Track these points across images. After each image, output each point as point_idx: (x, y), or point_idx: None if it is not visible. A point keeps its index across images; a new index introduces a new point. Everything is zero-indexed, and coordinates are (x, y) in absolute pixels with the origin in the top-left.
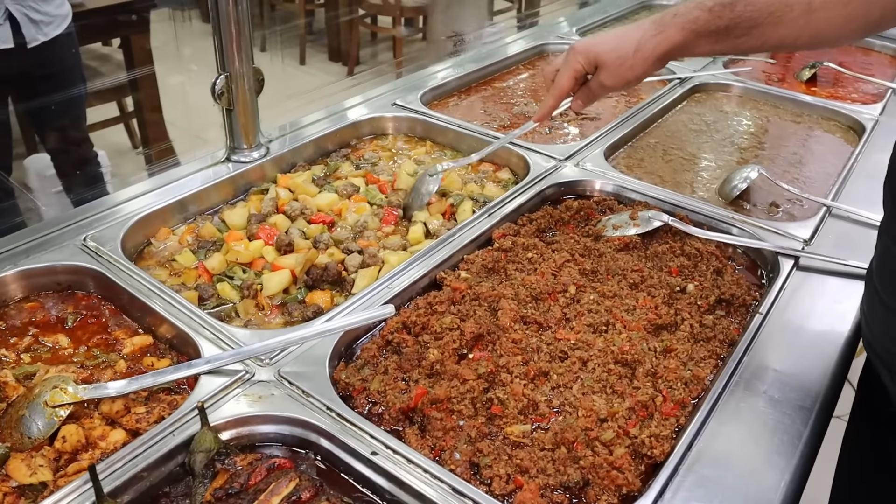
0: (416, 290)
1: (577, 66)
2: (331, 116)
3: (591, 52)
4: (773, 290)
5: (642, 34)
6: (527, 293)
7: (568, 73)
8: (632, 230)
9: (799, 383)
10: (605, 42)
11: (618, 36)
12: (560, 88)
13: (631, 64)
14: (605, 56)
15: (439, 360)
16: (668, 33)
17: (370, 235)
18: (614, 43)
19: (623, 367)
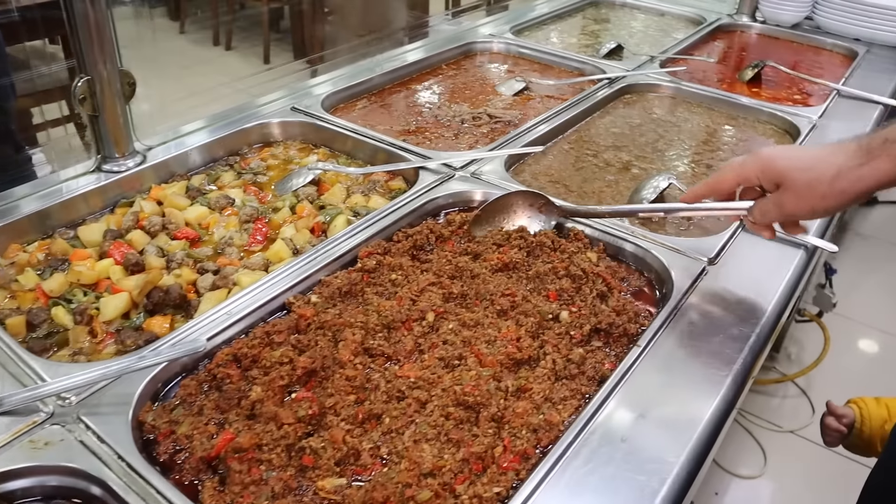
0: (262, 316)
1: (750, 175)
2: (225, 121)
3: (775, 164)
4: (658, 319)
5: (845, 160)
6: (378, 321)
7: (734, 174)
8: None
9: (669, 434)
10: (794, 157)
11: (812, 154)
12: (717, 181)
13: (823, 193)
14: (793, 175)
15: (261, 398)
16: (878, 164)
17: (232, 253)
18: (807, 161)
19: (465, 410)
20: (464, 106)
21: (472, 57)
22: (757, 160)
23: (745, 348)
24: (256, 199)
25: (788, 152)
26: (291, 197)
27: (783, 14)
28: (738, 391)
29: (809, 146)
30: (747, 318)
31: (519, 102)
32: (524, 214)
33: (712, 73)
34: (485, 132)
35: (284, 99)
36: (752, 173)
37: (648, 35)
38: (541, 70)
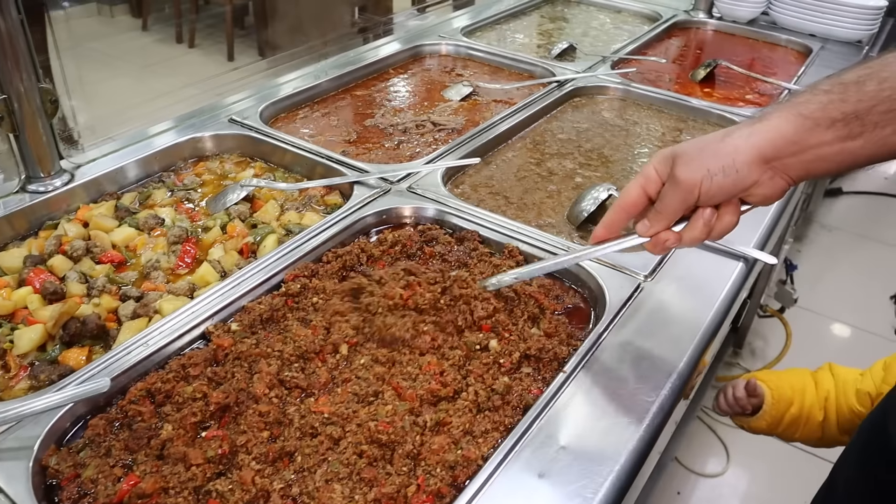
0: (181, 346)
1: (651, 174)
2: (159, 134)
3: (667, 152)
4: (588, 341)
5: (736, 128)
6: (293, 351)
7: (638, 181)
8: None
9: (589, 468)
10: (688, 141)
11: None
12: (625, 199)
13: (714, 150)
14: (683, 148)
15: (171, 437)
16: (771, 121)
17: (158, 277)
18: (700, 138)
19: (379, 447)
20: (408, 113)
21: (421, 60)
22: (654, 159)
23: (674, 373)
24: (188, 218)
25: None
26: (223, 215)
27: (739, 10)
28: (665, 418)
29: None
30: (680, 337)
31: (466, 108)
32: None
33: (665, 72)
34: (428, 141)
35: (247, 101)
36: (652, 171)
37: (604, 33)
38: (491, 73)
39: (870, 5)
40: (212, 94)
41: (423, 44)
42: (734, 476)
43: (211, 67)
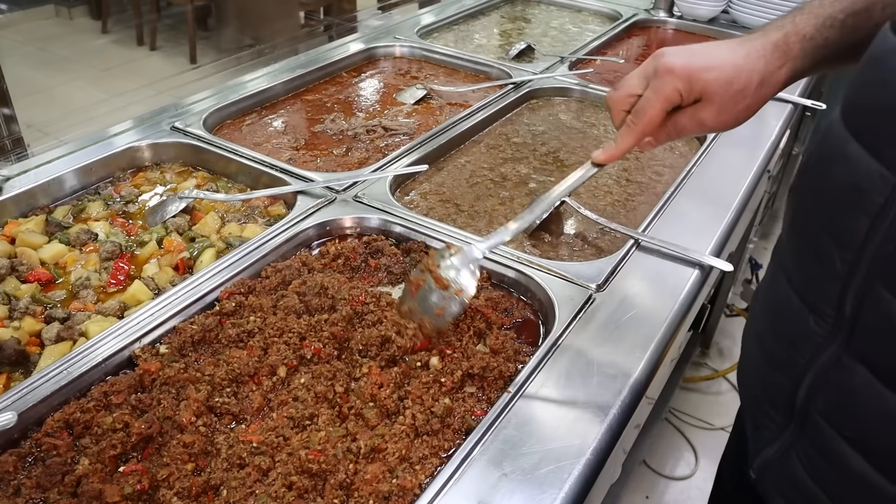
0: (107, 372)
1: (674, 96)
2: (100, 142)
3: (695, 78)
4: (535, 358)
5: (765, 65)
6: (226, 375)
7: (661, 102)
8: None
9: (532, 495)
10: (714, 67)
11: (730, 61)
12: (648, 121)
13: (749, 104)
14: (716, 88)
15: (87, 473)
16: (796, 65)
17: (88, 296)
18: (729, 71)
19: (310, 477)
20: (359, 118)
21: (376, 62)
22: (675, 78)
23: (624, 389)
24: (123, 233)
25: (707, 60)
26: (160, 229)
27: (700, 9)
28: (614, 439)
29: (720, 47)
30: (631, 351)
31: (419, 112)
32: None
33: (624, 72)
34: (378, 147)
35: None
36: (675, 94)
37: (564, 33)
38: (447, 75)
39: None
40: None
41: (378, 46)
42: (703, 478)
43: (172, 70)
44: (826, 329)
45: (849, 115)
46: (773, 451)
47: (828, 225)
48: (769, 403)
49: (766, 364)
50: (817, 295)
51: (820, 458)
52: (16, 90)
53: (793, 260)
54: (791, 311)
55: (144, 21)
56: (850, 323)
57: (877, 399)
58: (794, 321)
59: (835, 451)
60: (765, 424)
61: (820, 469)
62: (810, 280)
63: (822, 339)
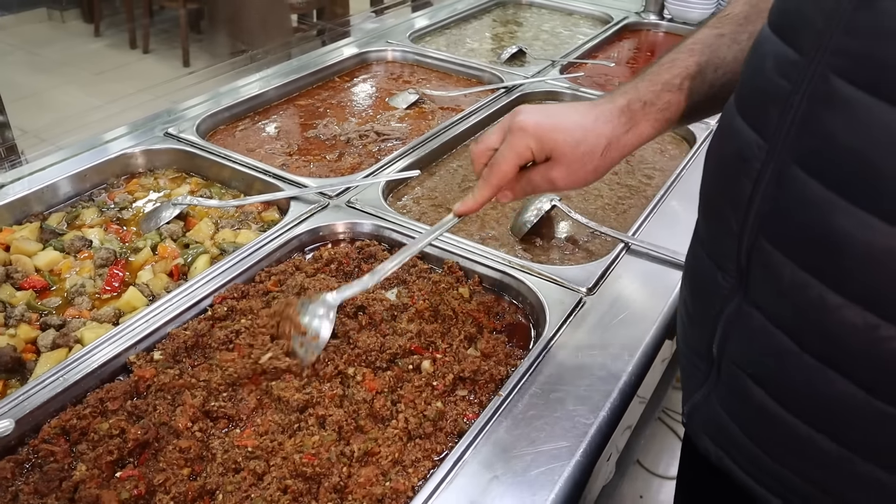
0: (103, 378)
1: (526, 152)
2: (93, 149)
3: (546, 137)
4: (526, 361)
5: (612, 130)
6: (221, 378)
7: (513, 157)
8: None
9: (523, 497)
10: (564, 129)
11: (580, 124)
12: (502, 175)
13: (596, 166)
14: (565, 149)
15: (84, 479)
16: (641, 129)
17: (83, 303)
18: (578, 134)
19: (304, 481)
20: (352, 123)
21: (368, 67)
22: (526, 136)
23: (614, 391)
24: (118, 239)
25: (556, 120)
26: (155, 235)
27: (690, 12)
28: (605, 441)
29: (572, 111)
30: (621, 354)
31: (412, 116)
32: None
33: (615, 75)
34: (371, 151)
35: (187, 112)
36: (526, 150)
37: (555, 36)
38: (439, 79)
39: None
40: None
41: (370, 50)
42: None
43: (165, 74)
44: (730, 283)
45: (737, 95)
46: (699, 396)
47: (723, 190)
48: (695, 355)
49: (690, 320)
50: (721, 253)
51: (733, 397)
52: (8, 94)
53: (702, 224)
54: (703, 270)
55: (137, 24)
56: (745, 274)
57: (768, 338)
58: (706, 279)
59: (742, 389)
60: (693, 374)
61: (733, 406)
62: (715, 240)
63: (727, 292)
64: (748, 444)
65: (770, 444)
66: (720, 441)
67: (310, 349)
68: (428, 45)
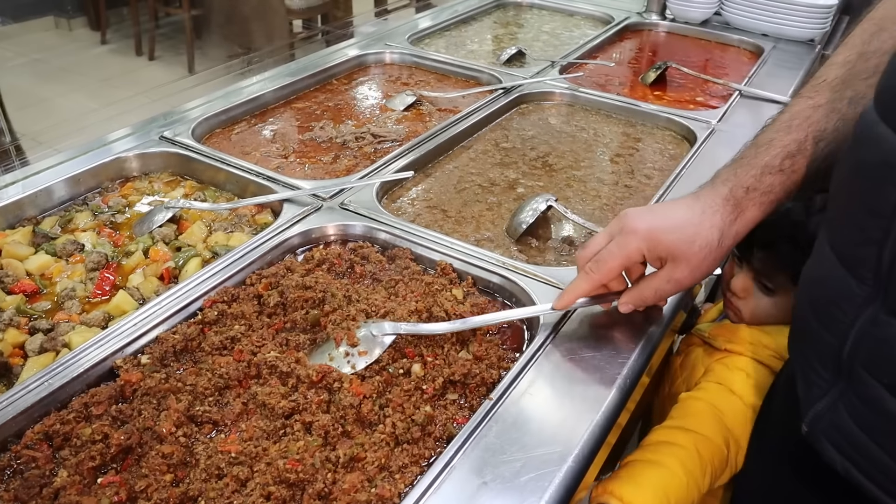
0: (89, 383)
1: (636, 255)
2: (89, 152)
3: (658, 239)
4: (517, 365)
5: (721, 220)
6: (209, 383)
7: (622, 257)
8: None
9: None
10: (675, 228)
11: (689, 220)
12: (607, 271)
13: (715, 257)
14: (682, 248)
15: (66, 485)
16: (748, 215)
17: (73, 306)
18: (690, 231)
19: (288, 487)
20: (349, 125)
21: (366, 69)
22: (637, 238)
23: (608, 395)
24: (110, 243)
25: (666, 221)
26: (147, 238)
27: (692, 11)
28: (598, 446)
29: (678, 207)
30: (615, 356)
31: (409, 118)
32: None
33: (615, 76)
34: (367, 153)
35: (185, 114)
36: (637, 253)
37: (555, 37)
38: (438, 81)
39: (821, 4)
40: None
41: (369, 53)
42: None
43: (171, 79)
44: (866, 291)
45: (878, 100)
46: (822, 404)
47: (862, 198)
48: (818, 362)
49: (815, 326)
50: (857, 260)
51: (863, 406)
52: (14, 101)
53: (834, 230)
54: (834, 276)
55: (143, 31)
56: (885, 283)
57: None
58: (837, 285)
59: (876, 398)
60: (814, 381)
61: (864, 416)
62: (850, 247)
63: (862, 300)
64: (881, 455)
65: None
66: (847, 451)
67: (350, 362)
68: (427, 47)
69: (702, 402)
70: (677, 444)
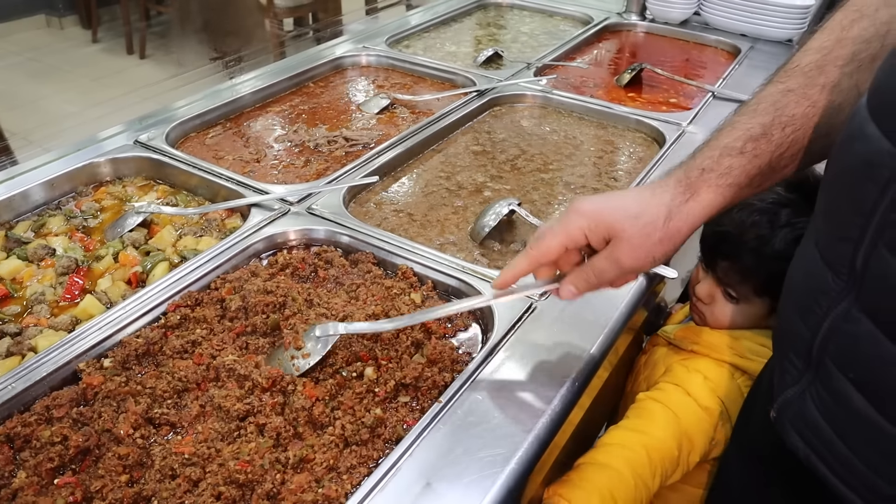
0: (53, 386)
1: (577, 233)
2: (61, 158)
3: (601, 216)
4: (470, 367)
5: (671, 199)
6: (168, 386)
7: (561, 233)
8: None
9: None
10: (620, 206)
11: (636, 199)
12: (544, 249)
13: (660, 237)
14: (624, 226)
15: (24, 486)
16: (703, 196)
17: (42, 311)
18: (635, 208)
19: (238, 488)
20: (322, 128)
21: (343, 72)
22: (581, 217)
23: (555, 398)
24: (81, 248)
25: (612, 202)
26: (117, 243)
27: (671, 12)
28: (543, 448)
29: (628, 190)
30: (566, 360)
31: (383, 121)
32: None
33: (591, 77)
34: (339, 157)
35: (160, 117)
36: (579, 232)
37: (534, 38)
38: (414, 83)
39: (798, 4)
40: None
41: (346, 55)
42: None
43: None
44: (840, 285)
45: (871, 99)
46: (792, 392)
47: (847, 193)
48: (793, 351)
49: (794, 317)
50: (835, 254)
51: (829, 398)
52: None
53: (820, 223)
54: (815, 269)
55: (134, 29)
56: (858, 280)
57: (876, 346)
58: (816, 278)
59: (841, 392)
60: (787, 370)
61: (829, 408)
62: (831, 241)
63: (836, 294)
64: (840, 445)
65: (864, 448)
66: (810, 439)
67: (295, 364)
68: (406, 48)
69: (657, 404)
70: (627, 447)
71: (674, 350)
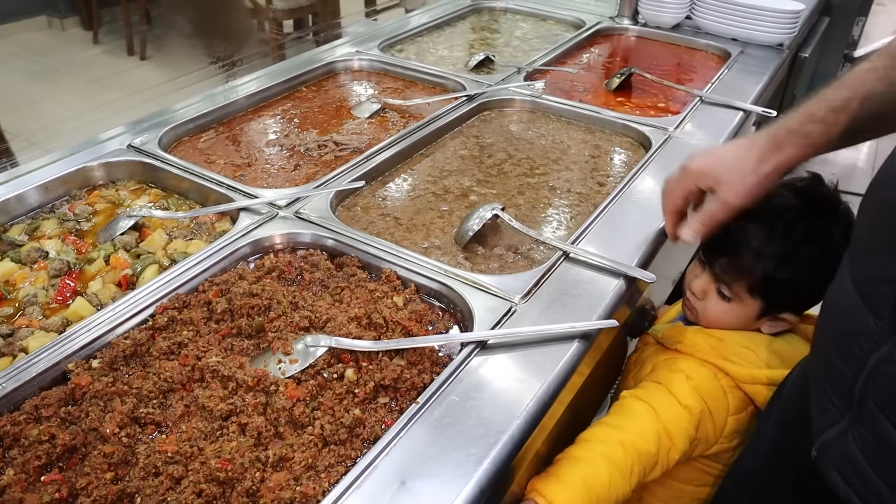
0: (42, 386)
1: (691, 188)
2: (56, 162)
3: (706, 172)
4: (448, 369)
5: (760, 152)
6: (154, 386)
7: (679, 193)
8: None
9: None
10: (720, 161)
11: (733, 153)
12: (673, 203)
13: (754, 180)
14: (725, 174)
15: (11, 483)
16: (787, 151)
17: (34, 312)
18: (731, 161)
19: (218, 485)
20: (313, 133)
21: (335, 77)
22: (691, 175)
23: (530, 400)
24: (74, 250)
25: (713, 157)
26: (109, 246)
27: (663, 16)
28: (516, 450)
29: (727, 145)
30: (542, 362)
31: (373, 126)
32: None
33: (581, 82)
34: (328, 161)
35: (153, 121)
36: (692, 185)
37: (526, 42)
38: (405, 87)
39: (789, 9)
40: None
41: (338, 60)
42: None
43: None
44: (882, 328)
45: None
46: (833, 432)
47: (885, 236)
48: (832, 390)
49: (832, 354)
50: (877, 297)
51: (872, 440)
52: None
53: (856, 264)
54: (853, 308)
55: (135, 31)
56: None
57: None
58: (856, 319)
59: (885, 434)
60: (827, 409)
61: (871, 449)
62: (870, 283)
63: (878, 337)
64: (881, 486)
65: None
66: (851, 479)
67: (282, 368)
68: (399, 52)
69: (637, 401)
70: (603, 442)
71: (661, 349)
